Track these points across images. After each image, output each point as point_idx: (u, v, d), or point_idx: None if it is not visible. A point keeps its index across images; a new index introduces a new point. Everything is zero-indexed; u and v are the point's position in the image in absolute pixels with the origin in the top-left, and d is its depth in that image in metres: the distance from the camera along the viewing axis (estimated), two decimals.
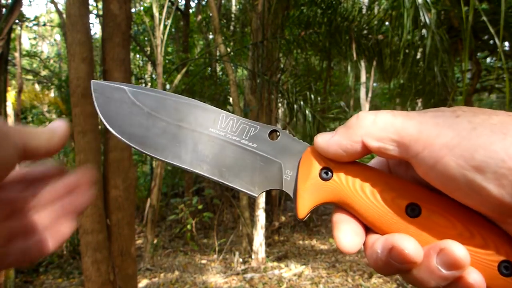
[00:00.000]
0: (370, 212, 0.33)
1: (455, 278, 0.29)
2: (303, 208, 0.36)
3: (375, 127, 0.32)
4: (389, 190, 0.33)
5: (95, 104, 0.40)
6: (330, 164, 0.35)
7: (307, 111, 4.43)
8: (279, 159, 0.38)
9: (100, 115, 0.40)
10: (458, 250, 0.28)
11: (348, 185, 0.34)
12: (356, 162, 0.35)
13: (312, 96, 4.77)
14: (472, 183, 0.28)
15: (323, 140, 0.35)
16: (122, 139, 0.40)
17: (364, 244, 0.34)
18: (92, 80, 0.41)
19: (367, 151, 0.33)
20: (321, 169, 0.35)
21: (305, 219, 0.36)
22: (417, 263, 0.30)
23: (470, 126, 0.28)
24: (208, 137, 0.39)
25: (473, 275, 0.29)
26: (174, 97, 0.40)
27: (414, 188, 0.33)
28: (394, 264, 0.30)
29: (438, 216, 0.31)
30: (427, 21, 2.88)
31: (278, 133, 0.38)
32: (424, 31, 3.35)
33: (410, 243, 0.30)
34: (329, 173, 0.35)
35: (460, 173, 0.28)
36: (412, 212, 0.32)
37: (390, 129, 0.31)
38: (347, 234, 0.34)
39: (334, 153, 0.34)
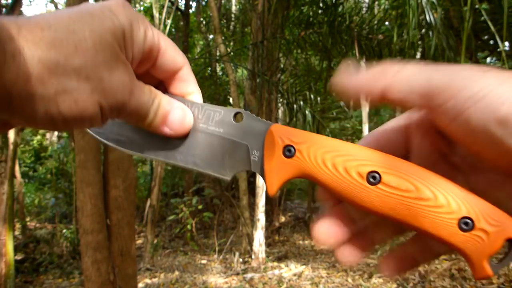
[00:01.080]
0: (333, 183, 0.34)
1: None
2: (272, 186, 0.37)
3: (399, 79, 0.32)
4: (350, 161, 0.33)
5: None
6: (292, 142, 0.36)
7: (306, 111, 4.43)
8: (245, 141, 0.38)
9: None
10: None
11: (310, 160, 0.35)
12: (318, 136, 0.36)
13: (312, 96, 4.76)
14: (493, 136, 0.28)
15: (346, 79, 0.35)
16: (99, 138, 0.40)
17: None
18: None
19: (384, 100, 0.33)
20: (284, 147, 0.36)
21: (275, 196, 0.38)
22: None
23: (497, 81, 0.28)
24: None
25: None
26: None
27: (376, 156, 0.33)
28: None
29: (398, 181, 0.32)
30: (432, 20, 2.86)
31: (242, 115, 0.39)
32: (425, 30, 3.33)
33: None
34: (292, 150, 0.36)
35: (482, 125, 0.28)
36: (373, 179, 0.32)
37: (414, 82, 0.31)
38: (325, 227, 0.36)
39: (353, 93, 0.34)
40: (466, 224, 0.30)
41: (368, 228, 0.37)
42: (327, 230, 0.36)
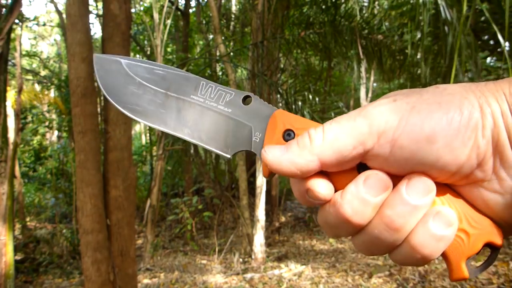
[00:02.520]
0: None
1: (427, 209, 0.32)
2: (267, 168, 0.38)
3: (328, 142, 0.33)
4: None
5: (96, 76, 0.45)
6: (293, 127, 0.38)
7: (305, 112, 4.43)
8: (250, 122, 0.40)
9: (100, 86, 0.44)
10: (425, 178, 0.31)
11: None
12: (317, 124, 0.37)
13: (311, 96, 4.77)
14: (429, 154, 0.30)
15: (273, 156, 0.34)
16: (118, 106, 0.43)
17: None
18: (94, 54, 0.46)
19: (325, 167, 0.33)
20: (284, 131, 0.38)
21: (269, 178, 0.39)
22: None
23: (409, 106, 0.31)
24: (190, 104, 0.42)
25: (447, 210, 0.32)
26: (162, 67, 0.44)
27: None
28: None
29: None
30: (449, 17, 2.83)
31: (251, 99, 0.41)
32: (441, 27, 3.27)
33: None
34: (292, 134, 0.38)
35: (416, 147, 0.30)
36: (362, 169, 0.34)
37: (342, 136, 0.32)
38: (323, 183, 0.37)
39: (287, 171, 0.34)
40: None
41: None
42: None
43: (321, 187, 0.34)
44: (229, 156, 0.41)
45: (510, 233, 0.33)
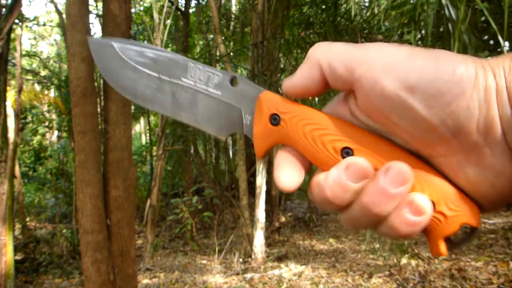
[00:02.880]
0: (312, 154, 0.36)
1: (403, 197, 0.32)
2: (259, 150, 0.40)
3: (329, 51, 0.35)
4: (326, 135, 0.36)
5: (95, 60, 0.45)
6: (278, 111, 0.38)
7: None
8: (239, 105, 0.41)
9: (100, 71, 0.45)
10: (403, 167, 0.31)
11: (293, 130, 0.37)
12: (302, 107, 0.38)
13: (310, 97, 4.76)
14: (405, 103, 0.30)
15: (288, 83, 0.37)
16: (119, 91, 0.44)
17: (310, 184, 0.37)
18: (88, 37, 0.46)
19: (324, 78, 0.35)
20: (270, 116, 0.38)
21: (262, 158, 0.40)
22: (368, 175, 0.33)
23: (409, 52, 0.31)
24: (181, 87, 0.42)
25: (420, 198, 0.32)
26: (153, 49, 0.44)
27: (351, 131, 0.35)
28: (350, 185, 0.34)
29: (369, 159, 0.34)
30: (453, 15, 2.81)
31: (237, 80, 0.41)
32: (444, 26, 3.24)
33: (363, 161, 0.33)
34: (277, 118, 0.38)
35: (395, 93, 0.31)
36: (346, 154, 0.35)
37: (341, 53, 0.34)
38: (287, 174, 0.37)
39: (301, 88, 0.37)
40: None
41: None
42: (290, 178, 0.37)
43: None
44: (224, 138, 0.43)
45: (490, 209, 0.33)
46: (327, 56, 0.34)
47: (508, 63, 0.29)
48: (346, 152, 0.35)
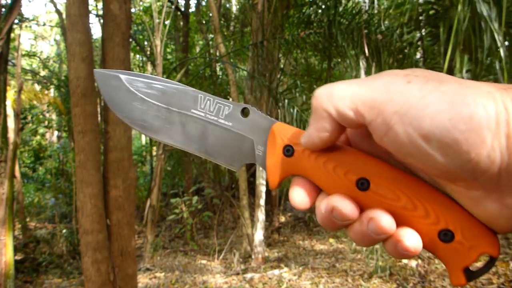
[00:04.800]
0: (326, 185, 0.36)
1: (386, 239, 0.33)
2: (273, 181, 0.40)
3: (333, 97, 0.33)
4: (342, 166, 0.35)
5: (101, 92, 0.45)
6: (292, 142, 0.38)
7: (303, 115, 4.43)
8: (251, 135, 0.41)
9: (107, 102, 0.44)
10: (386, 220, 0.32)
11: (307, 161, 0.37)
12: None
13: (305, 98, 4.78)
14: (421, 150, 0.29)
15: (306, 140, 0.36)
16: (127, 123, 0.44)
17: (315, 205, 0.38)
18: (94, 70, 0.46)
19: (338, 124, 0.34)
20: (284, 147, 0.38)
21: (276, 189, 0.41)
22: (353, 220, 0.34)
23: (420, 94, 0.29)
24: (192, 118, 0.42)
25: (409, 239, 0.32)
26: (161, 81, 0.44)
27: (366, 162, 0.35)
28: (335, 221, 0.35)
29: (385, 190, 0.34)
30: (485, 12, 2.74)
31: (249, 111, 0.41)
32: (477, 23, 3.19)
33: (347, 204, 0.34)
34: (290, 150, 0.38)
35: (409, 140, 0.29)
36: (362, 186, 0.34)
37: (346, 96, 0.32)
38: (300, 195, 0.38)
39: (320, 142, 0.35)
40: (445, 235, 0.32)
41: None
42: (303, 198, 0.38)
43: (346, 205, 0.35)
44: (236, 169, 0.42)
45: (504, 233, 0.33)
46: (333, 102, 0.33)
47: None
48: (362, 183, 0.34)
